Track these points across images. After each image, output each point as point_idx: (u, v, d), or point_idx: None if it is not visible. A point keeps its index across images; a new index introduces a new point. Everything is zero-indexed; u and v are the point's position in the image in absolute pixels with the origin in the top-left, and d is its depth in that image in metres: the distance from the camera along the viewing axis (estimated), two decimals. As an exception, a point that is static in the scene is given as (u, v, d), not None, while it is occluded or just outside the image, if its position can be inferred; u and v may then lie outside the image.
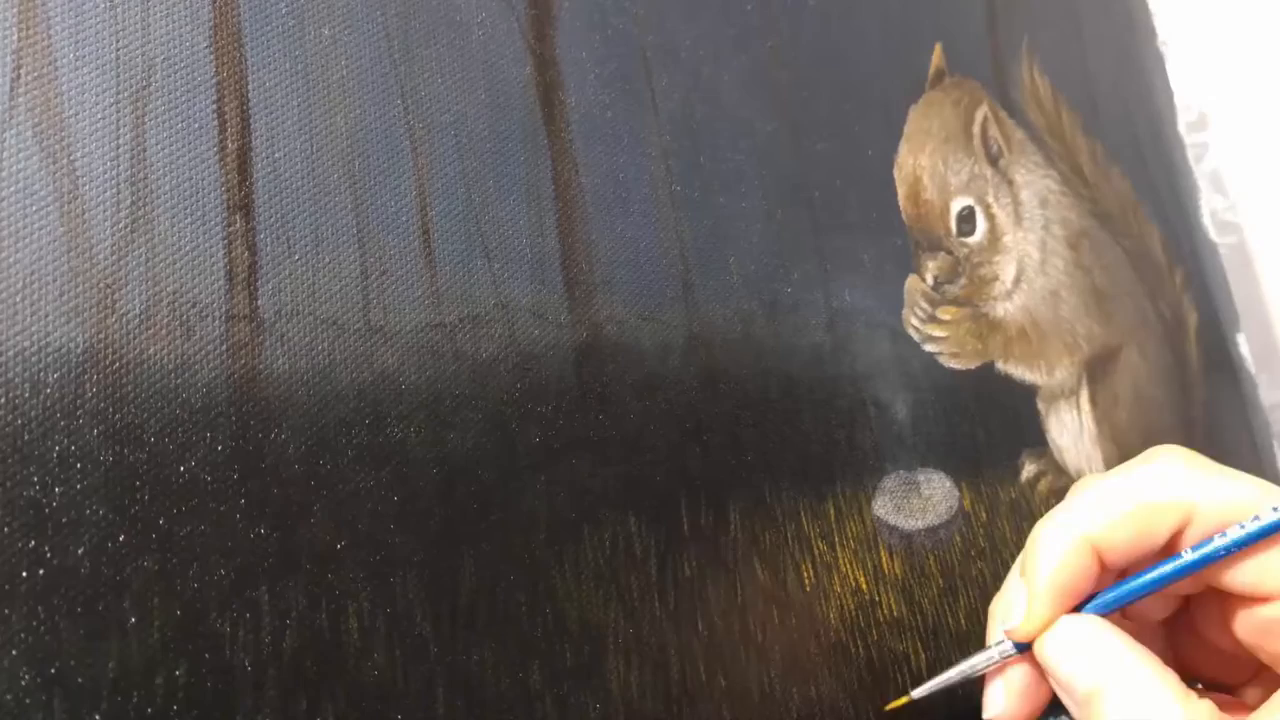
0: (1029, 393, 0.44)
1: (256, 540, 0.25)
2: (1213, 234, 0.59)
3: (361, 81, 0.30)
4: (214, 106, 0.27)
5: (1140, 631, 0.30)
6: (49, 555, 0.22)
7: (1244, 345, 0.58)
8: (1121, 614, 0.30)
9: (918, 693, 0.32)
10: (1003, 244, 0.45)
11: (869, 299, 0.40)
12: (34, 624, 0.22)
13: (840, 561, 0.35)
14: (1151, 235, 0.54)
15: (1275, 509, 0.26)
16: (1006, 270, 0.45)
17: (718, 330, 0.35)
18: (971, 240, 0.44)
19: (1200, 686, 0.30)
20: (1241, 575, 0.27)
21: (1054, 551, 0.28)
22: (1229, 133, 0.61)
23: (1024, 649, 0.29)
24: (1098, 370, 0.47)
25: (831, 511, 0.36)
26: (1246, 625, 0.28)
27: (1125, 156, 0.54)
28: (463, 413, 0.29)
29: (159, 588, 0.23)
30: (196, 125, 0.27)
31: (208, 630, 0.24)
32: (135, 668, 0.23)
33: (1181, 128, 0.61)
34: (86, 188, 0.25)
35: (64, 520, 0.23)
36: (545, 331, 0.31)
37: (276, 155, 0.28)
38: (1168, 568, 0.28)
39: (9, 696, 0.21)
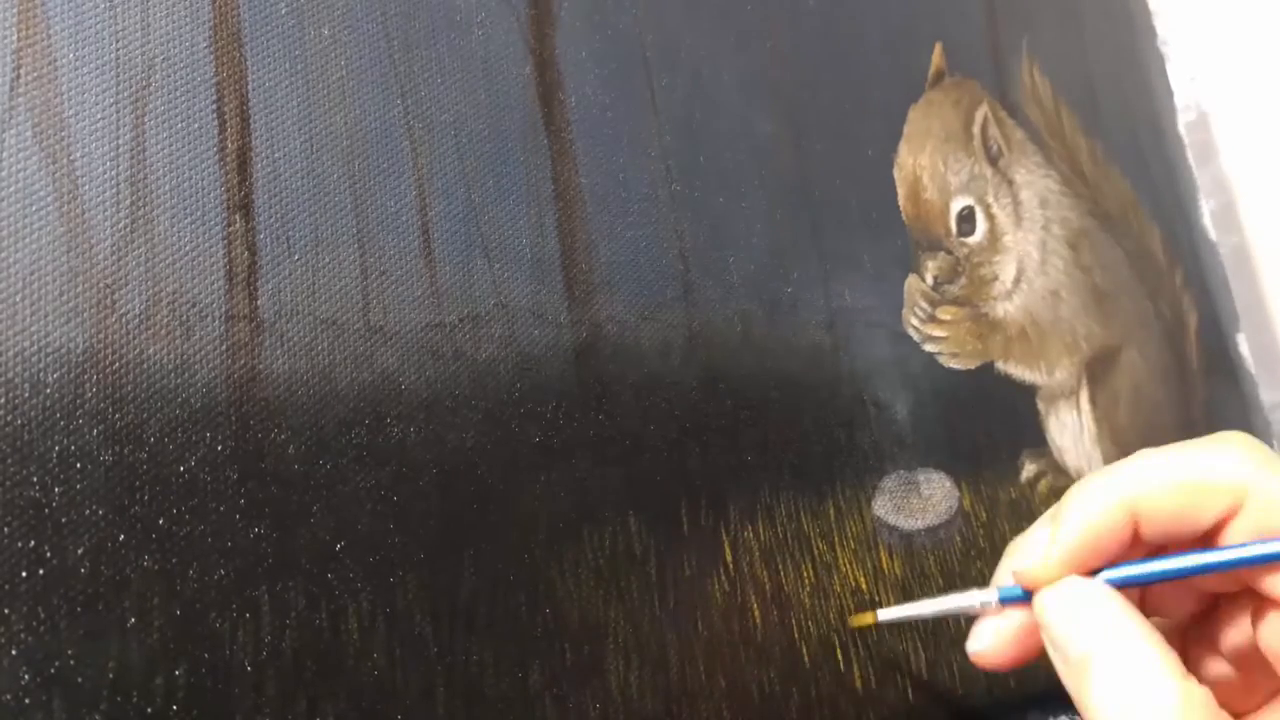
0: (1029, 393, 0.44)
1: (256, 540, 0.25)
2: (1213, 234, 0.59)
3: (361, 81, 0.30)
4: (214, 106, 0.27)
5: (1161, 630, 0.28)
6: (49, 555, 0.22)
7: (1244, 345, 0.58)
8: (1143, 608, 0.27)
9: (885, 614, 0.31)
10: (1003, 244, 0.45)
11: (869, 299, 0.40)
12: (34, 624, 0.22)
13: (840, 561, 0.35)
14: (1151, 235, 0.54)
15: None
16: (1006, 270, 0.45)
17: (718, 330, 0.35)
18: (971, 240, 0.44)
19: None
20: None
21: (1089, 505, 0.26)
22: (1229, 133, 0.61)
23: (1021, 599, 0.28)
24: (1098, 370, 0.47)
25: (831, 511, 0.36)
26: (1276, 633, 0.26)
27: (1125, 156, 0.54)
28: (463, 413, 0.29)
29: (159, 588, 0.23)
30: (196, 125, 0.27)
31: (207, 630, 0.24)
32: (135, 668, 0.23)
33: (1181, 128, 0.61)
34: (86, 188, 0.25)
35: (64, 520, 0.23)
36: (545, 331, 0.31)
37: (276, 155, 0.28)
38: (1209, 557, 0.26)
39: (9, 696, 0.21)
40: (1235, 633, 0.28)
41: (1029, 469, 0.43)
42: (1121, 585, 0.27)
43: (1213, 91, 0.61)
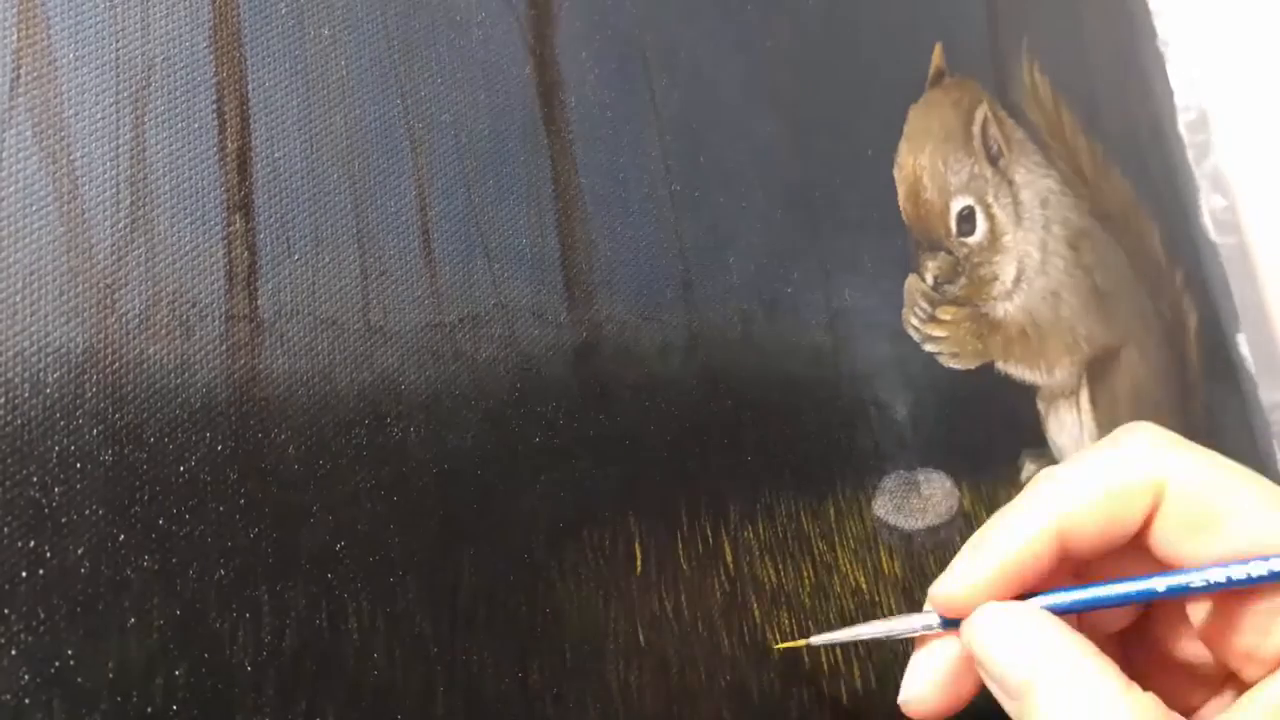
0: (1029, 393, 0.44)
1: (256, 540, 0.25)
2: (1213, 234, 0.59)
3: (361, 81, 0.30)
4: (214, 106, 0.27)
5: (1093, 640, 0.27)
6: (49, 555, 0.22)
7: (1244, 345, 0.58)
8: (1076, 620, 0.27)
9: (817, 639, 0.30)
10: (1003, 244, 0.45)
11: (869, 299, 0.40)
12: (34, 624, 0.22)
13: (840, 561, 0.35)
14: (1151, 235, 0.54)
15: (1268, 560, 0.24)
16: (1006, 270, 0.45)
17: (718, 330, 0.35)
18: (971, 240, 0.44)
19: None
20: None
21: (1011, 531, 0.26)
22: (1229, 133, 0.61)
23: (951, 625, 0.27)
24: (1098, 370, 0.47)
25: (831, 511, 0.36)
26: (1219, 625, 0.25)
27: (1125, 156, 0.54)
28: (462, 413, 0.29)
29: (159, 588, 0.23)
30: (196, 125, 0.27)
31: (207, 630, 0.24)
32: (135, 668, 0.23)
33: (1181, 128, 0.61)
34: (86, 188, 0.25)
35: (64, 520, 0.23)
36: (545, 331, 0.31)
37: (276, 155, 0.28)
38: (1133, 587, 0.25)
39: (9, 696, 0.21)
40: (1171, 632, 0.27)
41: (1029, 469, 0.43)
42: (1057, 612, 0.26)
43: (1213, 91, 0.61)
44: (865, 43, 0.44)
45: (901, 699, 0.28)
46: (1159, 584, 0.25)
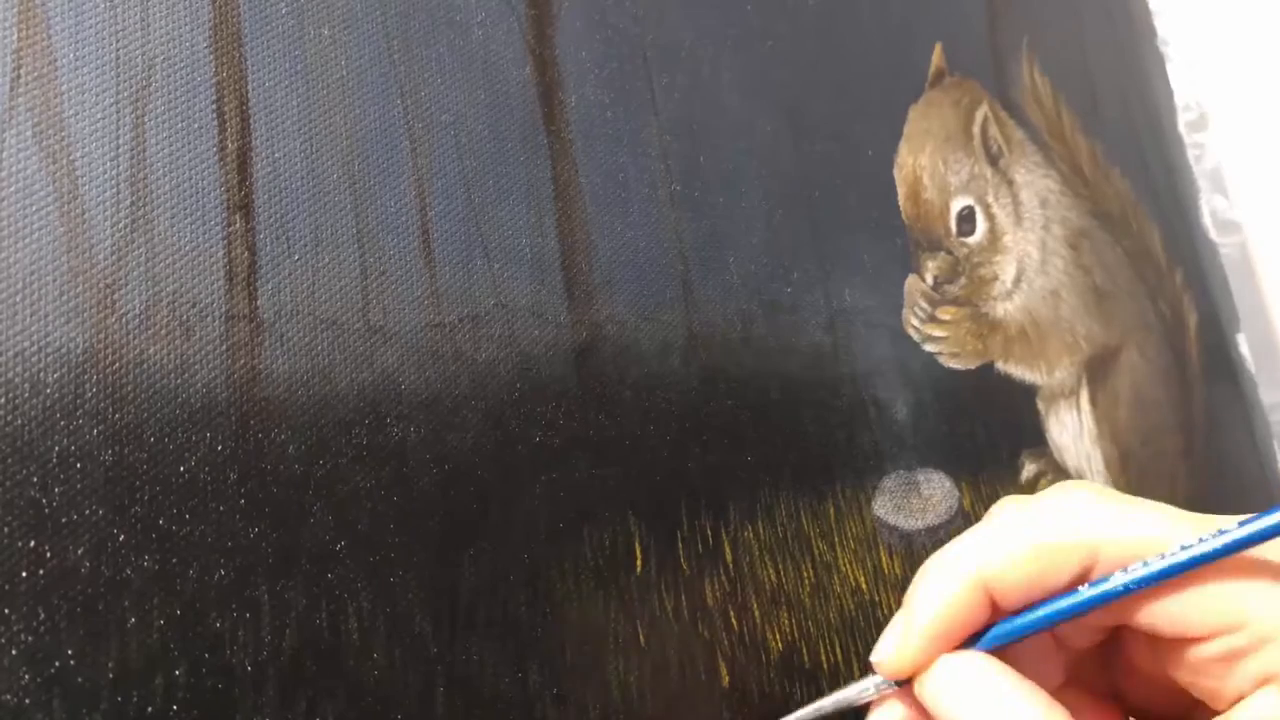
0: (1029, 393, 0.44)
1: (256, 540, 0.25)
2: (1213, 234, 0.59)
3: (361, 81, 0.30)
4: (214, 106, 0.27)
5: (1074, 659, 0.28)
6: (49, 555, 0.22)
7: (1244, 345, 0.58)
8: (1053, 639, 0.28)
9: None
10: (1003, 244, 0.45)
11: (869, 299, 0.40)
12: (34, 624, 0.22)
13: (840, 561, 0.35)
14: (1151, 235, 0.54)
15: (1183, 546, 0.24)
16: (1006, 270, 0.45)
17: (718, 330, 0.35)
18: (971, 240, 0.44)
19: None
20: (1158, 615, 0.25)
21: (939, 588, 0.26)
22: (1229, 133, 0.61)
23: (902, 684, 0.27)
24: (1098, 370, 0.47)
25: (831, 511, 0.36)
26: (1175, 664, 0.26)
27: (1125, 156, 0.54)
28: (462, 413, 0.29)
29: (159, 588, 0.23)
30: (196, 125, 0.27)
31: (208, 630, 0.24)
32: (135, 668, 0.23)
33: (1181, 128, 0.61)
34: (86, 188, 0.25)
35: (64, 520, 0.23)
36: (545, 331, 0.31)
37: (276, 155, 0.28)
38: (1062, 603, 0.26)
39: (9, 696, 0.21)
40: (1140, 655, 0.28)
41: (1029, 469, 0.43)
42: (993, 648, 0.26)
43: (1213, 91, 0.61)
44: (865, 43, 0.44)
45: None
46: (1083, 594, 0.26)
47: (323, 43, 0.29)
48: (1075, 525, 0.26)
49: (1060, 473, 0.44)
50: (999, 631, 0.26)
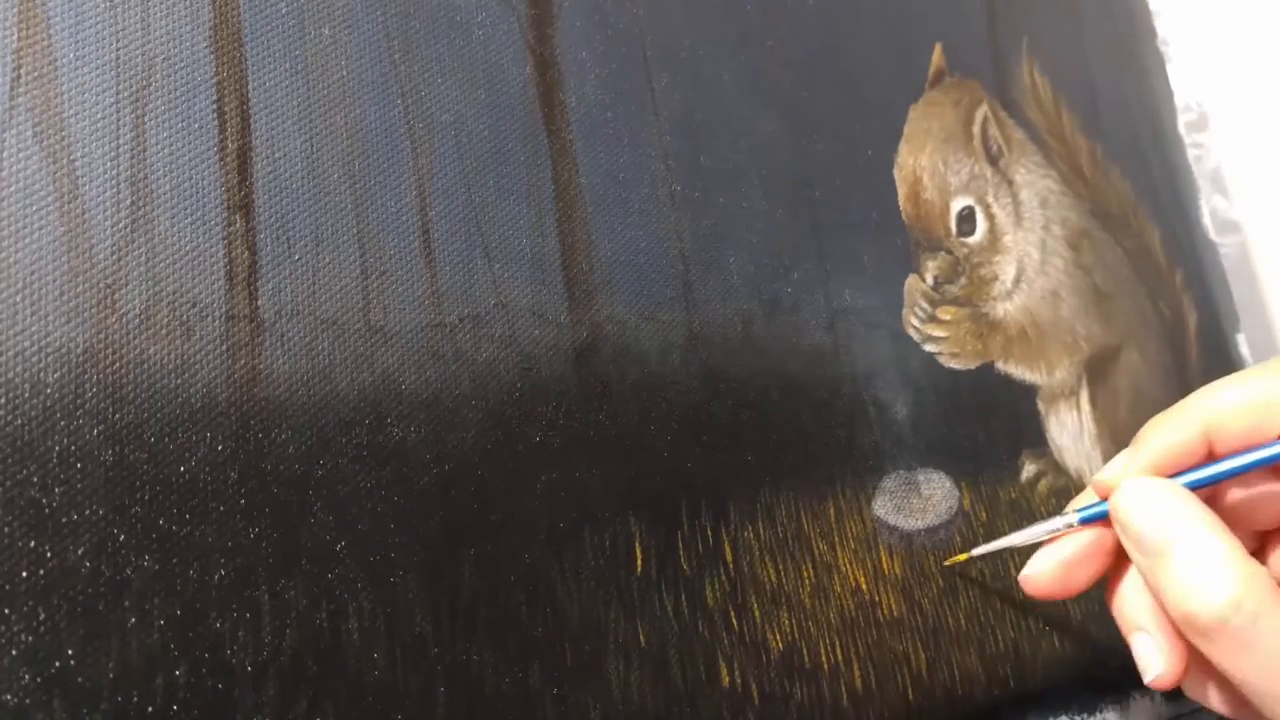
0: (1029, 393, 0.44)
1: (256, 540, 0.25)
2: (1213, 234, 0.59)
3: (361, 81, 0.30)
4: (214, 106, 0.27)
5: (1246, 535, 0.31)
6: (49, 555, 0.22)
7: (1244, 345, 0.58)
8: (1231, 518, 0.30)
9: (978, 550, 0.35)
10: (1003, 244, 0.45)
11: (869, 299, 0.40)
12: (34, 624, 0.22)
13: (840, 561, 0.35)
14: (1151, 235, 0.54)
15: None
16: (1006, 270, 0.45)
17: (718, 330, 0.35)
18: (971, 240, 0.44)
19: None
20: None
21: (1164, 424, 0.30)
22: (1229, 133, 0.61)
23: (1099, 518, 0.31)
24: (1098, 370, 0.47)
25: (831, 511, 0.36)
26: None
27: (1125, 156, 0.54)
28: (463, 413, 0.29)
29: (159, 588, 0.23)
30: (196, 125, 0.27)
31: (208, 630, 0.24)
32: (135, 668, 0.23)
33: (1181, 128, 0.61)
34: (86, 188, 0.25)
35: (64, 520, 0.23)
36: (545, 331, 0.31)
37: (276, 155, 0.28)
38: (1270, 450, 0.29)
39: (9, 696, 0.21)
40: None
41: (1029, 469, 0.43)
42: (1195, 487, 0.29)
43: (1213, 91, 0.62)
44: (865, 43, 0.44)
45: (1022, 575, 0.33)
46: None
47: (323, 43, 0.29)
48: None
49: (1060, 473, 0.44)
50: (1208, 474, 0.30)
